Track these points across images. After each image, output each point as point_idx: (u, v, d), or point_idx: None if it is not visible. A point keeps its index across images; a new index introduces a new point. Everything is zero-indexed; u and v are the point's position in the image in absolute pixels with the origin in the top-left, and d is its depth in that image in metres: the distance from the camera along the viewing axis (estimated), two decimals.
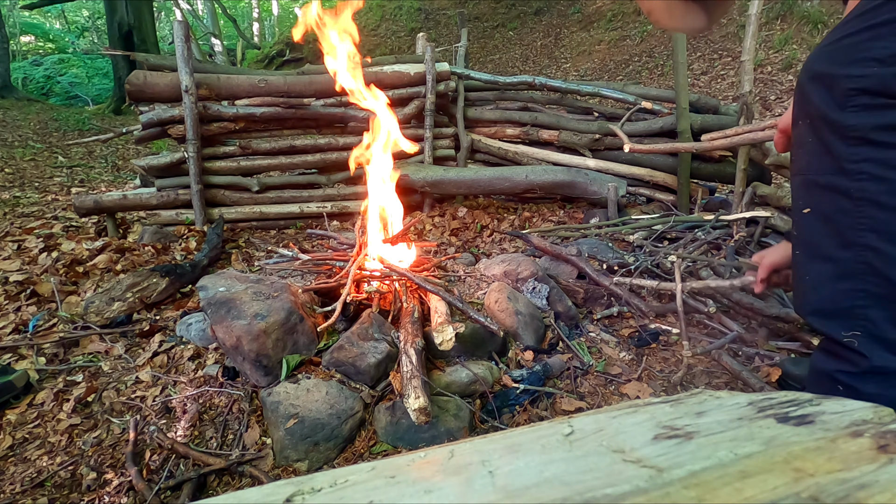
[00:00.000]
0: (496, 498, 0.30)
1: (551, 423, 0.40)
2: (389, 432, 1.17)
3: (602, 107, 3.23)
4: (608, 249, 2.03)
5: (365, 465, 0.35)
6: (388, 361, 1.30)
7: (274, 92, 2.83)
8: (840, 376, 0.80)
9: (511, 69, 9.94)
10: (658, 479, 0.31)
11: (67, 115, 8.42)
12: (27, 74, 13.75)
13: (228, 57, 15.56)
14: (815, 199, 0.79)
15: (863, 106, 0.71)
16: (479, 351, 1.42)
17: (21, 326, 1.64)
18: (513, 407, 1.26)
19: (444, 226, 2.87)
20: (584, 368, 1.40)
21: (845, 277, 0.76)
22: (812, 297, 0.81)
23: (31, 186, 4.37)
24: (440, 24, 12.56)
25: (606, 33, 9.59)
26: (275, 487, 0.33)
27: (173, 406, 1.28)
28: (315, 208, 2.97)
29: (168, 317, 1.71)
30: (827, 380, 0.82)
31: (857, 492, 0.28)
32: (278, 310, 1.33)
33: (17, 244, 2.39)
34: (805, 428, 0.36)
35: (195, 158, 2.68)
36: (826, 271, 0.78)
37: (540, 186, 2.79)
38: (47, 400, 1.30)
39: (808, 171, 0.80)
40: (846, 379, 0.79)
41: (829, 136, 0.75)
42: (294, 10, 20.77)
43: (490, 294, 1.54)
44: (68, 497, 1.05)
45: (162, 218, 2.81)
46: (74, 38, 18.35)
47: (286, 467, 1.11)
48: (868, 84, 0.70)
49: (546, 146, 3.28)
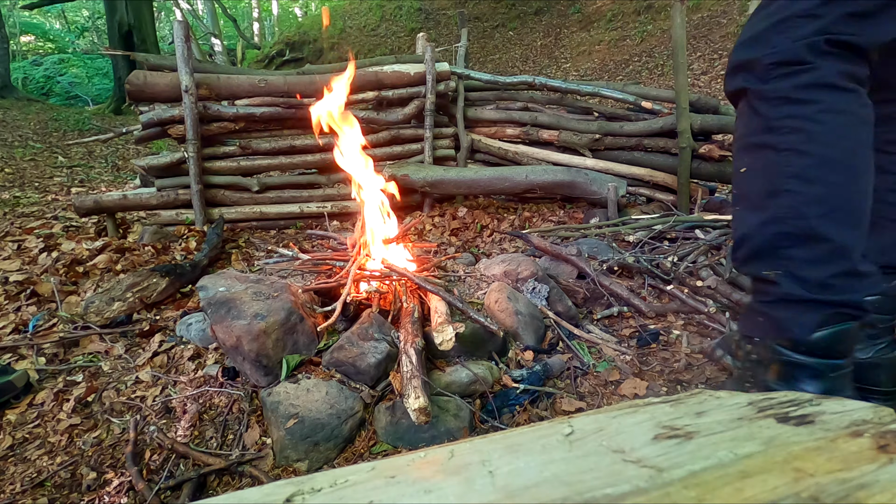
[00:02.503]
0: (496, 498, 0.30)
1: (551, 423, 0.40)
2: (389, 432, 1.17)
3: (602, 107, 3.23)
4: (608, 249, 2.03)
5: (365, 465, 0.35)
6: (388, 361, 1.30)
7: (274, 92, 2.83)
8: (757, 305, 0.91)
9: (511, 69, 9.94)
10: (658, 479, 0.31)
11: (67, 115, 8.42)
12: (27, 74, 13.75)
13: (228, 57, 15.56)
14: (750, 157, 0.88)
15: (781, 74, 0.82)
16: (479, 351, 1.42)
17: (21, 326, 1.64)
18: (512, 407, 1.26)
19: (444, 226, 2.87)
20: (584, 369, 1.40)
21: (772, 222, 0.84)
22: (746, 244, 0.89)
23: (31, 186, 4.37)
24: (440, 24, 12.56)
25: (606, 33, 9.59)
26: (275, 487, 0.33)
27: (173, 406, 1.28)
28: (315, 208, 2.97)
29: (168, 317, 1.71)
30: (750, 312, 0.94)
31: (857, 492, 0.28)
32: (278, 310, 1.33)
33: (17, 244, 2.39)
34: (805, 428, 0.36)
35: (195, 158, 2.68)
36: (756, 219, 0.86)
37: (540, 186, 2.79)
38: (47, 400, 1.30)
39: (742, 137, 0.90)
40: (761, 307, 0.90)
41: (757, 102, 0.86)
42: (294, 10, 20.77)
43: (490, 294, 1.54)
44: (68, 497, 1.05)
45: (162, 218, 2.81)
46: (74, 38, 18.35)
47: (286, 467, 1.11)
48: (781, 57, 0.82)
49: (546, 146, 3.28)
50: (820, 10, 0.80)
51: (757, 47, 0.85)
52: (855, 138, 0.80)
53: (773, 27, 0.83)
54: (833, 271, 0.81)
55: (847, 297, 0.82)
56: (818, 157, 0.79)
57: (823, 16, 0.79)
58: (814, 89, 0.80)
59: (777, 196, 0.82)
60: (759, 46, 0.85)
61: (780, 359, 0.88)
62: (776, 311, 0.87)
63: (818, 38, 0.79)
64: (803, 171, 0.80)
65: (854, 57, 0.81)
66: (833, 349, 0.85)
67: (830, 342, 0.84)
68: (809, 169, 0.80)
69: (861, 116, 0.81)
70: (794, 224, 0.81)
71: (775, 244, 0.84)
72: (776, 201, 0.83)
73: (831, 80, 0.79)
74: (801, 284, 0.83)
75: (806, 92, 0.80)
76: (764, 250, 0.86)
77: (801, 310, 0.84)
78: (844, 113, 0.80)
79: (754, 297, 0.93)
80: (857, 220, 0.82)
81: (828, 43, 0.79)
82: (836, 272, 0.81)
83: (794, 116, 0.81)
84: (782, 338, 0.88)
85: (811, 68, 0.80)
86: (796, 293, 0.83)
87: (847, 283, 0.81)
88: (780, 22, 0.82)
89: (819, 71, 0.79)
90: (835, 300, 0.82)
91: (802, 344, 0.85)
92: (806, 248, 0.81)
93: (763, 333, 0.92)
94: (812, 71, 0.80)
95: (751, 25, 0.89)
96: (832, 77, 0.79)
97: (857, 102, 0.81)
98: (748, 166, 0.88)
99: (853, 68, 0.81)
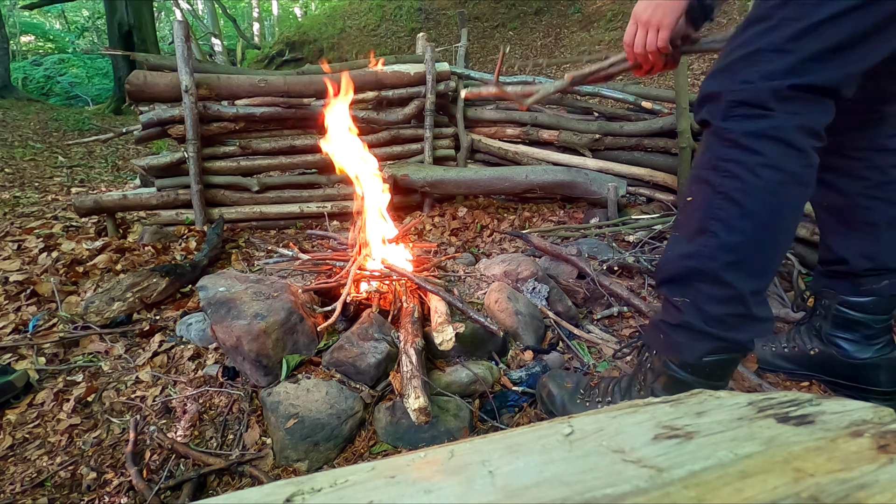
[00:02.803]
0: (496, 498, 0.30)
1: (551, 423, 0.40)
2: (389, 432, 1.17)
3: (602, 107, 3.23)
4: (608, 249, 2.03)
5: (365, 465, 0.35)
6: (388, 361, 1.30)
7: (274, 92, 2.83)
8: (661, 324, 0.99)
9: (511, 69, 9.93)
10: (658, 479, 0.31)
11: (67, 115, 8.42)
12: (27, 74, 13.74)
13: (228, 57, 15.57)
14: (694, 189, 0.92)
15: (741, 115, 0.83)
16: (479, 351, 1.42)
17: (21, 326, 1.64)
18: (512, 408, 1.26)
19: (444, 226, 2.87)
20: (585, 369, 1.40)
21: (691, 257, 0.90)
22: (666, 268, 0.97)
23: (31, 186, 4.37)
24: (440, 24, 12.56)
25: (606, 33, 9.59)
26: (275, 487, 0.33)
27: (173, 406, 1.27)
28: (315, 208, 2.97)
29: (168, 317, 1.71)
30: (654, 327, 1.03)
31: (857, 492, 0.28)
32: (278, 310, 1.33)
33: (17, 244, 2.39)
34: (805, 428, 0.36)
35: (195, 158, 2.68)
36: (682, 249, 0.93)
37: (540, 186, 2.79)
38: (47, 400, 1.30)
39: (696, 166, 0.93)
40: (664, 326, 0.98)
41: (712, 137, 0.89)
42: (294, 10, 20.77)
43: (490, 294, 1.54)
44: (68, 497, 1.05)
45: (162, 218, 2.81)
46: (74, 38, 18.35)
47: (286, 467, 1.11)
48: (744, 97, 0.83)
49: (546, 146, 3.28)
50: (790, 45, 0.80)
51: (724, 80, 0.86)
52: (786, 198, 0.84)
53: (743, 59, 0.84)
54: (730, 311, 0.89)
55: (736, 335, 0.91)
56: (745, 209, 0.83)
57: (793, 51, 0.79)
58: (762, 140, 0.81)
59: (702, 234, 0.88)
60: (727, 80, 0.85)
61: (668, 373, 0.98)
62: (674, 334, 0.96)
63: (782, 83, 0.79)
64: (729, 219, 0.85)
65: (818, 100, 0.81)
66: (714, 374, 0.95)
67: (713, 368, 0.95)
68: (734, 218, 0.84)
69: (799, 177, 0.84)
70: (706, 264, 0.88)
71: (688, 276, 0.92)
72: (700, 239, 0.89)
73: (782, 133, 0.81)
74: (700, 315, 0.91)
75: (754, 141, 0.82)
76: (678, 278, 0.94)
77: (695, 338, 0.93)
78: (783, 171, 0.82)
79: (661, 314, 1.01)
80: (763, 271, 0.89)
81: (791, 88, 0.79)
82: (732, 313, 0.89)
83: (738, 162, 0.83)
84: (674, 357, 0.97)
85: (768, 116, 0.81)
86: (695, 323, 0.91)
87: (740, 323, 0.90)
88: (750, 55, 0.83)
89: (774, 121, 0.81)
90: (725, 336, 0.91)
91: (690, 366, 0.95)
92: (711, 286, 0.89)
93: (659, 348, 1.01)
94: (768, 119, 0.81)
95: (723, 55, 0.89)
96: (785, 131, 0.81)
97: (799, 162, 0.83)
98: (693, 197, 0.92)
99: (812, 119, 0.82)
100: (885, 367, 1.15)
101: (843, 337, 1.18)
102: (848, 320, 1.16)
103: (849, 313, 1.15)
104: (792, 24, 0.79)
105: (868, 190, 1.09)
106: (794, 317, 1.47)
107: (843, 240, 1.14)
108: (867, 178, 1.08)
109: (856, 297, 1.14)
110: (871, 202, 1.09)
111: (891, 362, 1.15)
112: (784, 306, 1.60)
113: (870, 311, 1.13)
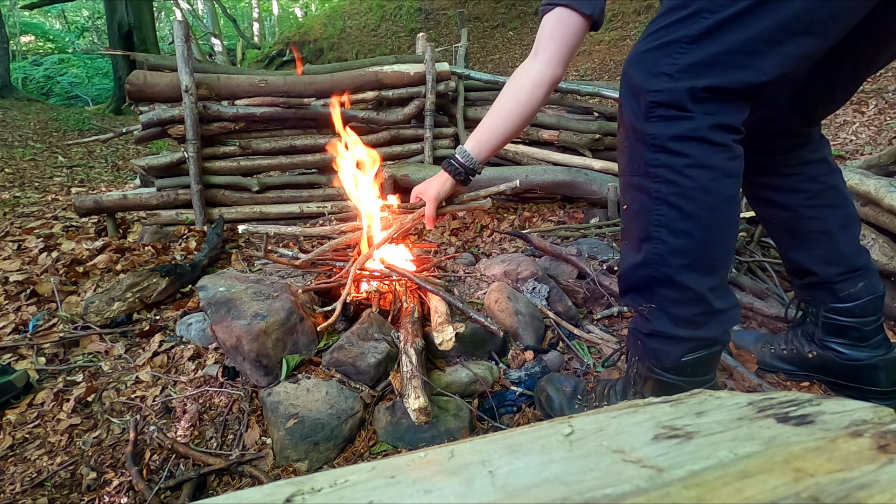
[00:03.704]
0: (496, 498, 0.30)
1: (551, 423, 0.40)
2: (389, 432, 1.17)
3: (602, 107, 3.23)
4: (608, 249, 2.03)
5: (365, 465, 0.35)
6: (388, 361, 1.30)
7: (274, 92, 2.83)
8: (636, 333, 1.01)
9: (511, 69, 9.93)
10: (658, 479, 0.31)
11: (67, 115, 8.42)
12: (27, 74, 13.75)
13: (228, 57, 15.56)
14: (629, 196, 0.92)
15: (660, 117, 0.83)
16: (479, 351, 1.42)
17: (21, 326, 1.64)
18: (511, 408, 1.26)
19: (444, 226, 2.87)
20: (585, 368, 1.40)
21: (643, 266, 0.91)
22: (625, 280, 0.98)
23: (31, 186, 4.37)
24: (440, 24, 12.56)
25: (606, 33, 9.59)
26: (275, 487, 0.33)
27: (173, 406, 1.27)
28: (315, 208, 2.97)
29: (168, 317, 1.71)
30: (630, 335, 1.04)
31: (857, 492, 0.28)
32: (278, 310, 1.33)
33: (17, 244, 2.39)
34: (805, 428, 0.36)
35: (195, 158, 2.68)
36: (633, 259, 0.93)
37: (540, 186, 2.79)
38: (47, 400, 1.30)
39: (626, 172, 0.92)
40: (639, 336, 1.00)
41: (636, 142, 0.87)
42: (294, 10, 20.76)
43: (490, 294, 1.54)
44: (68, 497, 1.05)
45: (162, 218, 2.81)
46: (74, 38, 18.34)
47: (286, 467, 1.11)
48: (663, 98, 0.82)
49: (546, 146, 3.28)
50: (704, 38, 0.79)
51: (643, 68, 0.85)
52: (719, 193, 0.84)
53: (660, 49, 0.83)
54: (696, 311, 0.90)
55: (708, 332, 0.93)
56: (684, 212, 0.84)
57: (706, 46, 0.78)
58: (686, 142, 0.82)
59: (649, 241, 0.89)
60: (646, 69, 0.84)
61: (653, 377, 0.99)
62: (649, 341, 0.98)
63: (697, 84, 0.79)
64: (671, 223, 0.86)
65: (733, 101, 0.82)
66: (697, 371, 0.97)
67: (696, 365, 0.96)
68: (676, 221, 0.85)
69: (727, 170, 0.85)
70: (661, 271, 0.89)
71: (646, 285, 0.93)
72: (647, 246, 0.89)
73: (702, 133, 0.81)
74: (670, 319, 0.92)
75: (679, 144, 0.82)
76: (638, 288, 0.95)
77: (669, 342, 0.94)
78: (712, 168, 0.83)
79: (634, 322, 1.03)
80: (715, 267, 0.89)
81: (706, 90, 0.79)
82: (698, 312, 0.90)
83: (668, 167, 0.84)
84: (653, 362, 0.99)
85: (687, 118, 0.81)
86: (666, 330, 0.93)
87: (708, 320, 0.91)
88: (667, 45, 0.82)
89: (693, 122, 0.81)
90: (697, 336, 0.93)
91: (672, 368, 0.96)
92: (671, 291, 0.90)
93: (640, 355, 1.02)
94: (688, 121, 0.81)
95: (644, 35, 0.87)
96: (703, 131, 0.81)
97: (724, 156, 0.83)
98: (629, 205, 0.93)
99: (728, 117, 0.82)
100: (884, 368, 1.15)
101: (836, 342, 1.19)
102: (838, 326, 1.17)
103: (837, 319, 1.16)
104: (708, 15, 0.78)
105: (810, 200, 1.12)
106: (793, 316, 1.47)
107: (803, 253, 1.17)
108: (807, 190, 1.12)
109: (839, 303, 1.15)
110: (816, 211, 1.12)
111: (889, 363, 1.15)
112: (784, 306, 1.60)
113: (858, 315, 1.14)
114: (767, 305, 1.55)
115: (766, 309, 1.53)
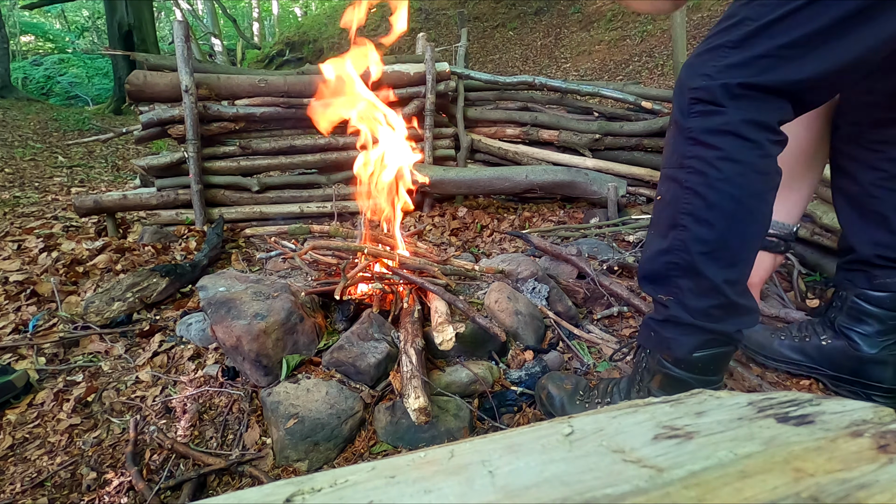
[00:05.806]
0: (496, 498, 0.30)
1: (551, 423, 0.40)
2: (389, 432, 1.17)
3: (602, 107, 3.23)
4: (608, 249, 2.03)
5: (365, 465, 0.35)
6: (388, 361, 1.30)
7: (274, 92, 2.83)
8: (650, 322, 1.03)
9: (511, 69, 9.94)
10: (658, 479, 0.31)
11: (67, 115, 8.42)
12: (27, 74, 13.75)
13: (228, 57, 15.56)
14: (664, 188, 0.95)
15: (699, 112, 0.87)
16: (479, 351, 1.42)
17: (21, 326, 1.64)
18: (511, 408, 1.26)
19: (444, 226, 2.87)
20: (584, 368, 1.40)
21: (667, 252, 0.93)
22: (646, 266, 1.00)
23: (31, 186, 4.37)
24: (440, 24, 12.55)
25: (606, 33, 9.59)
26: (275, 487, 0.33)
27: (173, 406, 1.27)
28: (315, 208, 2.97)
29: (168, 317, 1.71)
30: (644, 326, 1.05)
31: (857, 492, 0.28)
32: (278, 310, 1.33)
33: (17, 244, 2.39)
34: (805, 428, 0.36)
35: (195, 158, 2.68)
36: (658, 246, 0.96)
37: (540, 186, 2.79)
38: (47, 400, 1.30)
39: (665, 165, 0.96)
40: (653, 324, 1.01)
41: (677, 136, 0.92)
42: (294, 10, 20.76)
43: (490, 294, 1.54)
44: (68, 497, 1.05)
45: (162, 218, 2.81)
46: (74, 38, 18.34)
47: (286, 467, 1.11)
48: (701, 95, 0.86)
49: (546, 146, 3.28)
50: (745, 42, 0.83)
51: (690, 70, 0.90)
52: (745, 187, 0.87)
53: (707, 52, 0.88)
54: (712, 303, 0.91)
55: (721, 326, 0.93)
56: (709, 201, 0.87)
57: (747, 48, 0.83)
58: (719, 135, 0.85)
59: (674, 229, 0.92)
60: (692, 70, 0.89)
61: (663, 371, 1.00)
62: (664, 330, 0.99)
63: (732, 80, 0.83)
64: (696, 211, 0.89)
65: (768, 99, 0.85)
66: (708, 369, 0.98)
67: (707, 363, 0.97)
68: (701, 210, 0.88)
69: (757, 167, 0.87)
70: (681, 257, 0.91)
71: (667, 272, 0.94)
72: (673, 233, 0.92)
73: (735, 127, 0.84)
74: (686, 310, 0.93)
75: (712, 136, 0.86)
76: (659, 276, 0.97)
77: (683, 332, 0.95)
78: (741, 163, 0.86)
79: (651, 313, 1.04)
80: (735, 261, 0.91)
81: (741, 86, 0.83)
82: (714, 304, 0.91)
83: (699, 158, 0.87)
84: (666, 353, 0.99)
85: (721, 112, 0.85)
86: (681, 317, 0.94)
87: (724, 314, 0.92)
88: (713, 49, 0.87)
89: (726, 116, 0.85)
90: (712, 328, 0.93)
91: (682, 361, 0.97)
92: (689, 279, 0.92)
93: (651, 346, 1.03)
94: (721, 115, 0.85)
95: (698, 46, 0.93)
96: (736, 125, 0.84)
97: (754, 153, 0.86)
98: (662, 195, 0.96)
99: (762, 115, 0.85)
100: (892, 364, 1.16)
101: (855, 330, 1.20)
102: (863, 312, 1.18)
103: (864, 306, 1.18)
104: (750, 22, 0.83)
105: (881, 181, 1.12)
106: (793, 316, 1.47)
107: (854, 227, 1.19)
108: (883, 170, 1.12)
109: (872, 290, 1.16)
110: (883, 192, 1.12)
111: None
112: (785, 306, 1.60)
113: (886, 307, 1.16)
114: (767, 305, 1.55)
115: (766, 309, 1.53)
